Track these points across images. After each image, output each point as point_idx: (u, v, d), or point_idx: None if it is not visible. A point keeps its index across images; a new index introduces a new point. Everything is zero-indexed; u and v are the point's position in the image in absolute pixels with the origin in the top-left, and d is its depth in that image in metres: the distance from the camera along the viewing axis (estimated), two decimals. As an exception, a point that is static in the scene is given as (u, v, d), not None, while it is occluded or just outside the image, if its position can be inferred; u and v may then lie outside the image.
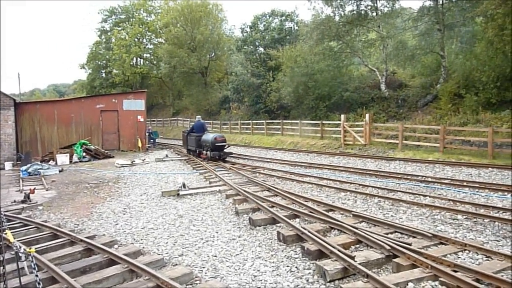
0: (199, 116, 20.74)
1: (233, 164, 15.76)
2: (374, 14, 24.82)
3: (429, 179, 10.86)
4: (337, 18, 25.28)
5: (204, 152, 17.57)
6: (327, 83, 25.15)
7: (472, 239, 6.05)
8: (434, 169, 12.75)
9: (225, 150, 17.24)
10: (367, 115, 19.15)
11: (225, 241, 6.60)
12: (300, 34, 29.10)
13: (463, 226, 6.68)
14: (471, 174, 11.53)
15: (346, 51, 25.78)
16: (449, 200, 8.34)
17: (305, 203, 8.32)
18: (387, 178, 11.50)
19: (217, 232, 7.12)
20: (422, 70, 22.91)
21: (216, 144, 16.80)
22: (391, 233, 6.25)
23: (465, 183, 9.98)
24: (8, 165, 19.23)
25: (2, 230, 4.67)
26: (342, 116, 20.61)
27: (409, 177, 11.27)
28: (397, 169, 13.14)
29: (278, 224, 7.18)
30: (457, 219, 7.05)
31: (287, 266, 5.35)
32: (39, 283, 3.29)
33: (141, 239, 6.94)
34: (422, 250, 5.22)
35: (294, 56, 27.54)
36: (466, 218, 7.07)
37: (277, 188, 10.03)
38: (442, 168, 12.79)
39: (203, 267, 5.50)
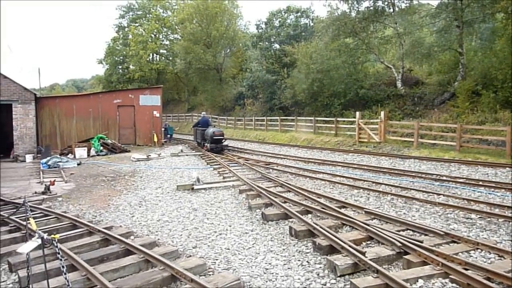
0: (204, 112, 23.66)
1: (247, 160, 15.88)
2: (391, 10, 24.55)
3: (444, 178, 10.77)
4: (353, 14, 25.07)
5: (206, 144, 19.71)
6: (343, 80, 25.01)
7: (485, 238, 6.03)
8: (449, 168, 12.64)
9: (222, 144, 19.38)
10: (382, 113, 19.03)
11: (238, 235, 6.72)
12: (315, 30, 28.94)
13: (477, 225, 6.66)
14: (487, 174, 11.40)
15: (362, 48, 25.57)
16: (464, 199, 8.30)
17: (318, 199, 8.38)
18: (401, 176, 11.46)
19: (230, 226, 7.25)
20: (440, 67, 22.58)
21: (214, 137, 19.00)
22: (403, 230, 6.28)
23: (480, 183, 9.89)
24: (29, 157, 19.74)
25: (26, 219, 4.87)
26: (357, 113, 20.52)
27: (423, 175, 11.21)
28: (411, 167, 13.06)
29: (290, 219, 7.26)
30: (471, 218, 7.03)
31: (298, 260, 5.44)
32: (63, 267, 3.44)
33: (157, 231, 7.12)
34: (434, 248, 5.24)
35: (309, 53, 27.44)
36: (480, 217, 7.04)
37: (290, 184, 10.10)
38: (458, 167, 12.66)
39: (216, 259, 5.64)
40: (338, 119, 22.93)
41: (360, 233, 6.08)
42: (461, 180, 10.33)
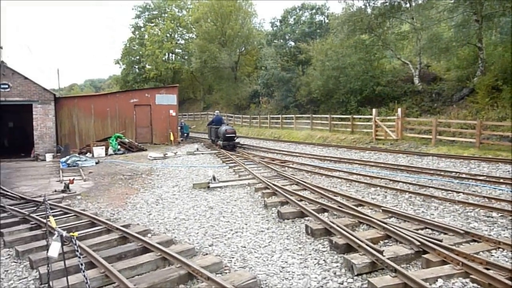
0: (218, 111, 24.37)
1: (262, 158, 15.87)
2: (408, 5, 24.13)
3: (464, 176, 10.56)
4: (369, 10, 24.76)
5: (219, 141, 20.52)
6: (359, 76, 24.73)
7: (507, 237, 5.88)
8: (469, 165, 12.37)
9: (234, 141, 20.21)
10: (399, 110, 18.76)
11: (253, 233, 6.71)
12: (330, 27, 28.70)
13: (498, 224, 6.50)
14: (508, 171, 11.12)
15: (378, 44, 25.23)
16: (484, 197, 8.12)
17: (334, 197, 8.32)
18: (419, 173, 11.29)
19: (246, 224, 7.25)
20: (458, 62, 22.09)
21: (226, 135, 19.88)
22: (422, 229, 6.18)
23: (501, 180, 9.66)
24: (48, 156, 20.16)
25: (46, 217, 4.96)
26: (374, 110, 20.27)
27: (442, 173, 11.02)
28: (429, 165, 12.85)
29: (307, 218, 7.22)
30: (492, 217, 6.86)
31: (315, 259, 5.41)
32: (82, 264, 3.49)
33: (173, 229, 7.17)
34: (453, 247, 5.14)
35: (324, 50, 27.24)
36: (501, 215, 6.87)
37: (305, 182, 10.05)
38: (478, 164, 12.39)
39: (232, 257, 5.64)
40: (354, 116, 22.71)
41: (378, 232, 6.01)
42: (481, 178, 10.10)
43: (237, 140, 20.88)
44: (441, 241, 5.35)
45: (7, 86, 20.40)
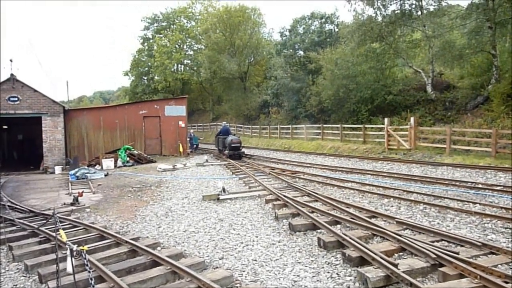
0: (225, 122, 26.77)
1: (272, 169, 15.85)
2: (419, 13, 24.12)
3: (480, 186, 10.42)
4: (379, 18, 24.79)
5: (225, 151, 21.62)
6: (370, 85, 24.70)
7: (526, 249, 5.76)
8: (485, 175, 12.21)
9: (240, 151, 21.35)
10: (412, 119, 18.65)
11: (265, 246, 6.69)
12: (340, 36, 28.79)
13: (517, 236, 6.39)
14: (526, 181, 10.95)
15: (389, 52, 25.20)
16: (502, 208, 7.99)
17: (347, 209, 8.26)
18: (433, 184, 11.16)
19: (256, 237, 7.23)
20: (472, 70, 21.94)
21: (232, 145, 21.06)
22: (437, 241, 6.10)
23: (519, 190, 9.50)
24: (58, 169, 20.40)
25: (56, 230, 5.01)
26: (386, 119, 20.19)
27: (457, 183, 10.87)
28: (444, 175, 12.71)
29: (319, 230, 7.18)
30: (510, 228, 6.74)
31: (328, 272, 5.36)
32: (91, 279, 3.52)
33: (183, 242, 7.18)
34: (471, 260, 5.06)
35: (334, 59, 27.29)
36: (520, 227, 6.75)
37: (317, 194, 10.01)
38: (494, 174, 12.21)
39: (243, 271, 5.62)
40: (366, 126, 22.61)
41: (392, 244, 5.94)
42: (498, 188, 9.94)
43: (242, 150, 21.95)
44: (457, 253, 5.27)
45: (16, 99, 20.79)
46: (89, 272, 3.56)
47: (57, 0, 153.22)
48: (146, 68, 54.11)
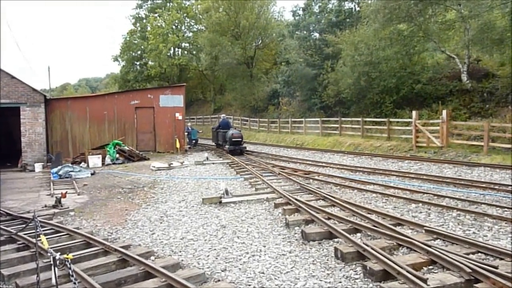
0: (224, 115, 28.20)
1: (283, 169, 15.87)
2: (454, -11, 23.93)
3: (523, 190, 10.35)
4: (408, -5, 24.63)
5: (225, 146, 22.59)
6: (395, 73, 24.60)
7: None
8: (529, 177, 12.14)
9: (241, 146, 22.19)
10: (444, 112, 18.58)
11: (273, 257, 6.70)
12: (362, 16, 28.63)
13: None
14: None
15: (419, 35, 25.02)
16: (548, 215, 7.94)
17: (368, 215, 8.25)
18: (468, 187, 11.13)
19: (264, 246, 7.24)
20: (515, 56, 21.79)
21: (233, 139, 21.84)
22: (473, 253, 6.07)
23: None
24: (38, 166, 20.55)
25: (36, 236, 5.06)
26: (414, 112, 20.13)
27: (496, 186, 10.84)
28: (481, 177, 12.68)
29: (336, 239, 7.17)
30: (558, 239, 6.70)
31: (346, 288, 5.36)
32: (76, 292, 3.55)
33: (180, 251, 7.21)
34: (511, 275, 5.03)
35: (355, 42, 27.16)
36: None
37: (334, 197, 10.00)
38: (540, 176, 12.14)
39: (249, 285, 5.63)
40: (391, 119, 22.54)
41: (420, 256, 5.93)
42: (544, 193, 9.89)
43: (244, 145, 22.81)
44: (496, 267, 5.24)
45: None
46: (75, 283, 3.59)
47: (57, 0, 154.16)
48: (139, 52, 54.25)
